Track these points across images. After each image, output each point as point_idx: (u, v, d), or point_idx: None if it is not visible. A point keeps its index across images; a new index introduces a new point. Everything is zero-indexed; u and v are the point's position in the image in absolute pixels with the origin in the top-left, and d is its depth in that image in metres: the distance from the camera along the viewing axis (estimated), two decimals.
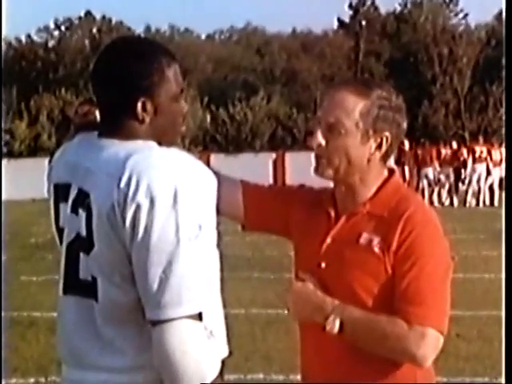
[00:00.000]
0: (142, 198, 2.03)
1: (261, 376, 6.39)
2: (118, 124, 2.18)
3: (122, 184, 2.05)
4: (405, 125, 2.49)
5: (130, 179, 2.05)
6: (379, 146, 2.44)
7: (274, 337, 7.50)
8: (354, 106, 2.40)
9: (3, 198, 23.92)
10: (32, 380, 6.43)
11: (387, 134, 2.43)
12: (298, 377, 2.64)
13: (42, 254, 12.63)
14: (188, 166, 2.11)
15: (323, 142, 2.43)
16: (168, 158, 2.10)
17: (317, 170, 2.46)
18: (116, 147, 2.15)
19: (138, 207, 2.03)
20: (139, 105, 2.16)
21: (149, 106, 2.17)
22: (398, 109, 2.46)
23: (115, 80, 2.16)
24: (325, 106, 2.46)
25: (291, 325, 2.60)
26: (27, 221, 19.40)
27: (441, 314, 2.37)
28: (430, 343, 2.33)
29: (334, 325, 2.34)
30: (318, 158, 2.46)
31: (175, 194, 2.03)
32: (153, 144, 2.16)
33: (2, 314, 8.19)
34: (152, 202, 2.03)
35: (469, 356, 6.98)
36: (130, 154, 2.10)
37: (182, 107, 2.26)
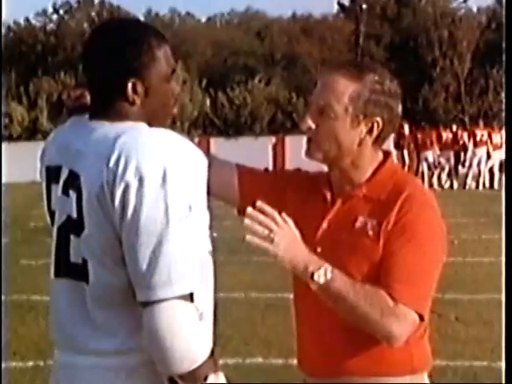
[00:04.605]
0: (131, 178, 2.02)
1: (260, 360, 6.38)
2: (108, 106, 2.17)
3: (111, 164, 2.04)
4: (399, 109, 2.45)
5: (118, 159, 2.04)
6: (370, 131, 2.41)
7: (274, 321, 7.49)
8: (344, 90, 2.38)
9: (3, 180, 23.90)
10: (31, 363, 6.44)
11: (378, 119, 2.40)
12: None
13: (41, 238, 12.60)
14: (178, 146, 2.10)
15: (313, 126, 2.42)
16: (157, 138, 2.09)
17: (307, 152, 2.45)
18: (106, 128, 2.14)
19: (127, 186, 2.02)
20: (129, 86, 2.15)
21: (139, 88, 2.16)
22: (392, 93, 2.42)
23: (105, 62, 2.15)
24: (317, 88, 2.44)
25: (291, 309, 2.59)
26: (27, 204, 19.36)
27: (426, 298, 2.34)
28: (409, 325, 2.30)
29: (325, 274, 2.25)
30: (308, 140, 2.45)
31: (164, 173, 2.02)
32: (143, 125, 2.15)
33: (2, 297, 8.21)
34: (141, 181, 2.02)
35: (467, 339, 6.98)
36: (120, 134, 2.09)
37: (174, 88, 2.24)
